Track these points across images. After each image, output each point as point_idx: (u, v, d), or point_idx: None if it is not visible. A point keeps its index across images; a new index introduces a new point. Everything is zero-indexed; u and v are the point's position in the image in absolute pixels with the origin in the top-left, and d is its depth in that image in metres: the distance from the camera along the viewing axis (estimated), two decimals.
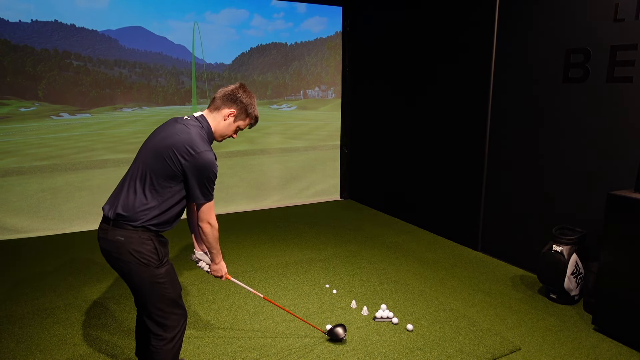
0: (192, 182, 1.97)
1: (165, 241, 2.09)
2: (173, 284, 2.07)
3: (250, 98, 2.15)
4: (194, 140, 1.96)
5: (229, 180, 5.91)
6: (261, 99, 6.11)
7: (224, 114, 2.11)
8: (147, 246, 1.97)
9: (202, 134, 2.03)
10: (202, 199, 2.01)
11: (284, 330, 2.93)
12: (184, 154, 1.94)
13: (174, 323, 2.09)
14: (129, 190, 1.99)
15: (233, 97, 2.10)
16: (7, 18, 4.55)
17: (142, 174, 1.98)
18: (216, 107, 2.11)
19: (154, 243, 1.99)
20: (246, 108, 2.13)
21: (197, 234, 2.31)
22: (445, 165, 4.74)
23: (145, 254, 1.96)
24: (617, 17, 3.14)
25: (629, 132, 3.14)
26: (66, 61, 4.89)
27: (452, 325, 3.01)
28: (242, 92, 2.12)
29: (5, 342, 2.79)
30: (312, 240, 4.76)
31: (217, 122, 2.11)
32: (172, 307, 2.07)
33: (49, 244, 4.62)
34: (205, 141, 2.02)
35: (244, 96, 2.12)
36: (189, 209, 2.28)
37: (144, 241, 1.96)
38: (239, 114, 2.13)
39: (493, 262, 4.16)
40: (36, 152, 4.92)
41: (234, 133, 2.19)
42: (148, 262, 1.97)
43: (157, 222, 1.99)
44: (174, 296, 2.07)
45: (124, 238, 1.94)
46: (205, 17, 5.49)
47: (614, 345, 2.79)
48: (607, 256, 2.83)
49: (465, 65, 4.37)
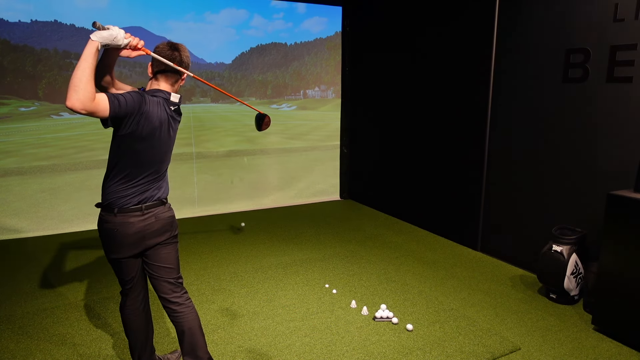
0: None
1: None
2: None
3: (187, 53, 2.10)
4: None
5: (228, 180, 5.91)
6: (261, 98, 6.11)
7: (180, 82, 2.14)
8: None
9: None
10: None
11: (284, 330, 2.93)
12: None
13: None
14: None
15: (183, 65, 2.07)
16: (7, 18, 4.55)
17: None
18: (176, 80, 2.10)
19: None
20: (188, 67, 2.12)
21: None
22: (445, 165, 4.74)
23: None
24: (617, 17, 3.14)
25: (628, 132, 3.14)
26: (66, 61, 4.89)
27: (452, 325, 3.01)
28: (184, 54, 2.08)
29: (5, 342, 2.79)
30: (312, 240, 4.76)
31: (177, 89, 2.14)
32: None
33: (49, 244, 4.62)
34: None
35: (187, 57, 2.09)
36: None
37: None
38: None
39: (493, 262, 4.16)
40: (36, 152, 4.92)
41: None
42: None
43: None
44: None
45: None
46: (205, 17, 5.49)
47: (613, 345, 2.79)
48: (607, 256, 2.83)
49: (465, 66, 4.37)
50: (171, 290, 2.18)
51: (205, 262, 4.11)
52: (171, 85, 2.08)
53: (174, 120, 2.11)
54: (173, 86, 2.09)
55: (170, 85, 2.08)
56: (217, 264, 4.08)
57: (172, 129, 2.11)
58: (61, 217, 5.02)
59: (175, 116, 2.11)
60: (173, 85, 2.09)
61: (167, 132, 2.07)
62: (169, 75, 2.06)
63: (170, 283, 2.18)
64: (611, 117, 3.24)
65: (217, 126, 5.88)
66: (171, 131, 2.10)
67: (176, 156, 5.52)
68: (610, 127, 3.25)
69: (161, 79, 2.06)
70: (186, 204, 5.65)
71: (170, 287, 2.18)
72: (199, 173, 5.73)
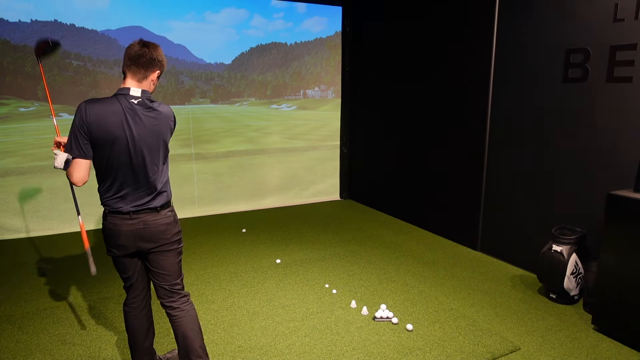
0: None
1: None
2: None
3: (158, 51, 2.10)
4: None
5: (228, 180, 5.91)
6: (261, 98, 6.11)
7: (152, 79, 2.10)
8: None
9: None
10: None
11: (284, 330, 2.93)
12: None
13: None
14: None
15: (152, 61, 2.06)
16: (7, 18, 4.55)
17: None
18: (143, 76, 2.07)
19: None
20: (164, 64, 2.13)
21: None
22: (445, 165, 4.74)
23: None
24: (616, 17, 3.14)
25: (628, 132, 3.14)
26: (66, 61, 4.89)
27: (452, 325, 3.01)
28: (155, 52, 2.07)
29: (5, 342, 2.79)
30: (312, 240, 4.76)
31: (149, 88, 2.11)
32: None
33: (49, 244, 4.62)
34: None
35: (158, 55, 2.08)
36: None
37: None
38: (161, 72, 2.15)
39: (493, 262, 4.16)
40: (36, 152, 4.92)
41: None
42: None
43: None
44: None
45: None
46: (205, 17, 5.49)
47: (613, 345, 2.79)
48: (606, 256, 2.83)
49: (465, 66, 4.37)
50: (166, 296, 2.21)
51: (205, 262, 4.11)
52: (138, 82, 2.06)
53: (135, 113, 2.01)
54: (141, 82, 2.06)
55: (137, 82, 2.06)
56: (217, 264, 4.08)
57: (138, 124, 2.01)
58: (61, 217, 5.02)
59: (138, 109, 2.02)
60: (140, 81, 2.06)
61: (129, 127, 2.00)
62: (134, 72, 2.05)
63: (165, 289, 2.20)
64: (611, 117, 3.24)
65: (216, 126, 5.88)
66: (136, 126, 2.01)
67: (176, 156, 5.52)
68: (610, 127, 3.25)
69: (128, 76, 2.06)
70: (186, 204, 5.65)
71: (165, 293, 2.20)
72: (199, 173, 5.73)
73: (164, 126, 2.11)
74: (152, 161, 2.09)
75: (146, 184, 2.09)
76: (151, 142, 2.07)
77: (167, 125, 2.13)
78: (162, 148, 2.13)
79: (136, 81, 2.06)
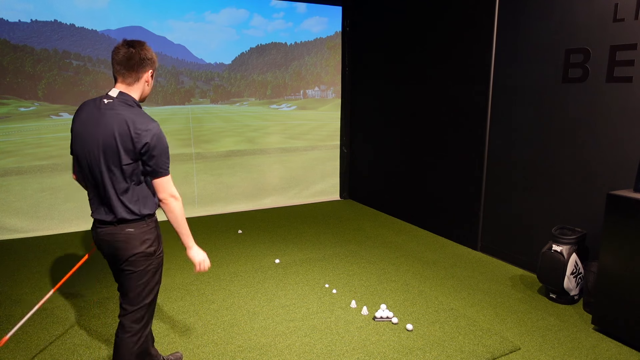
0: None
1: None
2: None
3: (145, 49, 1.99)
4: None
5: (228, 180, 5.91)
6: (261, 98, 6.11)
7: (145, 80, 2.02)
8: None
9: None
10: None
11: (284, 330, 2.93)
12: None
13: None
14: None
15: (142, 62, 1.96)
16: (7, 18, 4.55)
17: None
18: (135, 79, 1.98)
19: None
20: (155, 60, 2.03)
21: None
22: (445, 165, 4.74)
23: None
24: (616, 17, 3.14)
25: (628, 132, 3.14)
26: (66, 61, 4.89)
27: (452, 325, 3.01)
28: (142, 50, 1.97)
29: (5, 342, 2.79)
30: (312, 240, 4.76)
31: (142, 90, 2.03)
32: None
33: (49, 244, 4.62)
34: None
35: (146, 53, 1.98)
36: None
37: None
38: (154, 70, 2.07)
39: (493, 262, 4.16)
40: (35, 151, 4.92)
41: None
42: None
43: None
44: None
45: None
46: (205, 17, 5.49)
47: (613, 345, 2.79)
48: (606, 256, 2.83)
49: (465, 65, 4.37)
50: (120, 313, 2.11)
51: None
52: (128, 85, 1.97)
53: (100, 114, 1.91)
54: (132, 85, 1.98)
55: (127, 85, 1.97)
56: (217, 264, 4.08)
57: (99, 126, 1.90)
58: (61, 217, 5.02)
59: (104, 109, 1.92)
60: (131, 84, 1.97)
61: (91, 128, 1.92)
62: (125, 76, 1.96)
63: (120, 305, 2.11)
64: (611, 117, 3.24)
65: (216, 126, 5.88)
66: (97, 128, 1.90)
67: (176, 156, 5.52)
68: (610, 127, 3.25)
69: (118, 81, 1.98)
70: (186, 204, 5.65)
71: (120, 309, 2.11)
72: (199, 173, 5.73)
73: (116, 131, 1.88)
74: (108, 168, 1.92)
75: (104, 192, 1.96)
76: (107, 148, 1.90)
77: (124, 133, 1.88)
78: (122, 157, 1.90)
79: (126, 85, 1.97)
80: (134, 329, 2.09)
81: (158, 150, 1.95)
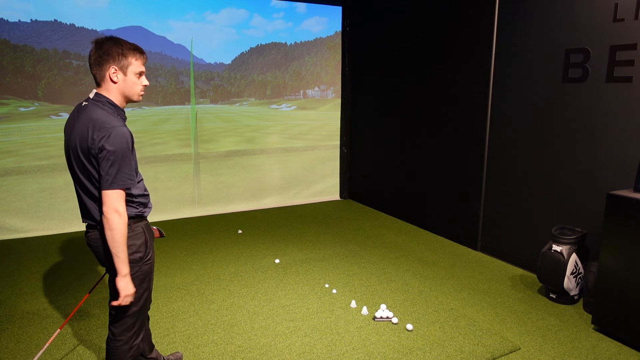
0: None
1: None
2: None
3: (107, 45, 1.87)
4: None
5: (228, 180, 5.91)
6: (261, 98, 6.11)
7: (109, 77, 1.89)
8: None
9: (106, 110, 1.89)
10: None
11: (284, 330, 2.93)
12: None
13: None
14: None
15: (100, 59, 1.87)
16: (7, 18, 4.55)
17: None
18: (101, 78, 1.90)
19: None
20: (117, 52, 1.87)
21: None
22: (445, 165, 4.74)
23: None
24: (616, 17, 3.14)
25: (628, 132, 3.14)
26: (66, 61, 4.89)
27: (452, 325, 3.01)
28: (104, 47, 1.87)
29: (5, 342, 2.79)
30: (312, 240, 4.76)
31: (116, 89, 1.92)
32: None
33: (49, 244, 4.62)
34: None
35: (108, 49, 1.87)
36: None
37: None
38: (120, 65, 1.88)
39: (493, 261, 4.16)
40: (35, 151, 4.92)
41: (140, 81, 1.96)
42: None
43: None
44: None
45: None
46: (205, 17, 5.49)
47: (613, 345, 2.79)
48: (606, 256, 2.83)
49: (465, 65, 4.37)
50: (109, 321, 2.07)
51: (205, 262, 4.11)
52: (100, 85, 1.92)
53: (77, 116, 1.89)
54: (101, 85, 1.91)
55: (99, 86, 1.93)
56: (217, 264, 4.08)
57: (74, 127, 1.86)
58: (61, 217, 5.02)
59: (80, 110, 1.90)
60: (101, 84, 1.91)
61: (68, 129, 1.91)
62: (95, 76, 1.91)
63: (109, 312, 2.06)
64: (611, 117, 3.24)
65: (216, 126, 5.88)
66: (73, 128, 1.87)
67: (176, 156, 5.53)
68: (610, 127, 3.25)
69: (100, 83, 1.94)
70: (186, 204, 5.65)
71: (109, 316, 2.07)
72: (199, 173, 5.73)
73: (80, 134, 1.82)
74: (81, 173, 1.89)
75: (80, 196, 1.95)
76: (76, 152, 1.86)
77: (84, 136, 1.80)
78: (84, 162, 1.84)
79: (99, 85, 1.92)
80: (124, 336, 2.05)
81: (111, 157, 1.77)
